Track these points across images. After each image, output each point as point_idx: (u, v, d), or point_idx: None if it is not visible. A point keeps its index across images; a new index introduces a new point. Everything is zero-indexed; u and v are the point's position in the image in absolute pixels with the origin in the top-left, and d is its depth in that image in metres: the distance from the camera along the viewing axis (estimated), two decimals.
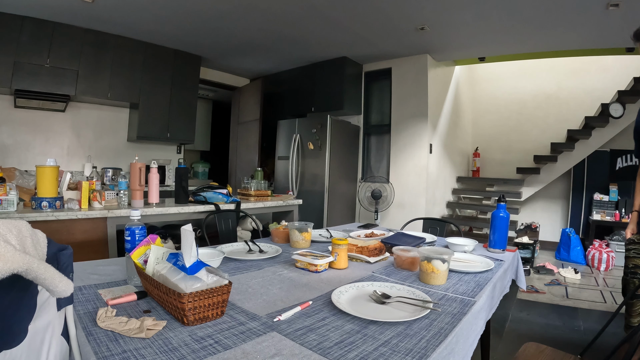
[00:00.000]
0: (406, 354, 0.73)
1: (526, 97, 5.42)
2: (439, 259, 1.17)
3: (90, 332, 0.76)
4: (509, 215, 1.72)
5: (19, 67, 3.24)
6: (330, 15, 3.29)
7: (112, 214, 1.99)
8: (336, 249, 1.33)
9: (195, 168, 5.68)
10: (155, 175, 2.29)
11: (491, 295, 1.22)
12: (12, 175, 2.27)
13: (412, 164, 4.37)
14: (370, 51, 4.26)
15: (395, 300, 0.99)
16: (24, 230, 0.61)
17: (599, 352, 1.57)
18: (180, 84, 4.36)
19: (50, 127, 3.79)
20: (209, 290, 0.82)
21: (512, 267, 1.61)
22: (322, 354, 0.71)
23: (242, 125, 5.37)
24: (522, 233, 4.57)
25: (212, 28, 3.69)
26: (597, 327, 1.63)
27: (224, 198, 2.54)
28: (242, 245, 1.63)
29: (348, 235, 1.80)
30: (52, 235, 0.69)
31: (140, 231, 1.10)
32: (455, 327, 0.86)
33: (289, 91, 5.05)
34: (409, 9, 3.12)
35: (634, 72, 4.47)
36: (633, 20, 3.04)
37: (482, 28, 3.47)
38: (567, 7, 2.91)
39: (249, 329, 0.81)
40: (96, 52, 3.68)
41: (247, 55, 4.58)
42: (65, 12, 3.25)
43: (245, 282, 1.14)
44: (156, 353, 0.69)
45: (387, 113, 4.62)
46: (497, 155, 5.64)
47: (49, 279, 0.54)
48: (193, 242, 0.85)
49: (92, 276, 1.14)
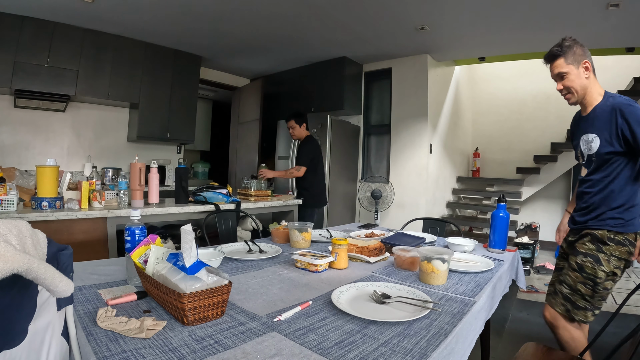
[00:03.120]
0: (406, 354, 0.72)
1: (526, 97, 5.41)
2: (439, 259, 1.17)
3: (90, 332, 0.75)
4: (509, 215, 1.72)
5: (19, 67, 3.24)
6: (330, 15, 3.29)
7: (112, 214, 1.99)
8: (336, 249, 1.33)
9: (195, 168, 5.68)
10: (155, 175, 2.29)
11: (491, 295, 1.22)
12: (12, 175, 2.27)
13: (412, 164, 4.37)
14: (370, 51, 4.26)
15: (395, 300, 0.99)
16: (24, 230, 0.61)
17: (599, 352, 1.57)
18: (180, 84, 4.36)
19: (50, 127, 3.79)
20: (209, 290, 0.82)
21: (512, 267, 1.61)
22: (322, 354, 0.71)
23: (242, 125, 5.37)
24: (522, 233, 4.57)
25: (212, 28, 3.69)
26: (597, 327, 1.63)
27: (224, 198, 2.54)
28: (242, 245, 1.63)
29: (348, 235, 1.80)
30: (52, 235, 0.69)
31: (140, 231, 1.10)
32: (455, 327, 0.86)
33: (289, 91, 5.05)
34: (409, 9, 3.12)
35: (634, 72, 4.48)
36: (633, 20, 3.04)
37: (482, 28, 3.47)
38: (567, 7, 2.91)
39: (249, 329, 0.81)
40: (96, 52, 3.68)
41: (247, 55, 4.58)
42: (65, 12, 3.25)
43: (245, 282, 1.14)
44: (156, 353, 0.69)
45: (387, 113, 4.62)
46: (497, 155, 5.64)
47: (49, 279, 0.54)
48: (193, 242, 0.85)
49: (92, 276, 1.14)
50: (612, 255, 1.40)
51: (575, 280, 1.44)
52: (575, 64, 1.43)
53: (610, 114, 1.38)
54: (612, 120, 1.37)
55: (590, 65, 1.45)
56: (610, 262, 1.40)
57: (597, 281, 1.39)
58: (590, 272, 1.40)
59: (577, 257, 1.46)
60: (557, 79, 1.48)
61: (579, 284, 1.43)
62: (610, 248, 1.41)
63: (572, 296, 1.45)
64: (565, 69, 1.44)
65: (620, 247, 1.40)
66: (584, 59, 1.44)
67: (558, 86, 1.49)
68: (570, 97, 1.48)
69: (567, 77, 1.44)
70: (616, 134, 1.36)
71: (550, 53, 1.49)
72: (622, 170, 1.40)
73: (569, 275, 1.47)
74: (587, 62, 1.44)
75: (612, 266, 1.40)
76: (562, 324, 1.48)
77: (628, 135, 1.33)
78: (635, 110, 1.33)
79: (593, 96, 1.46)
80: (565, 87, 1.46)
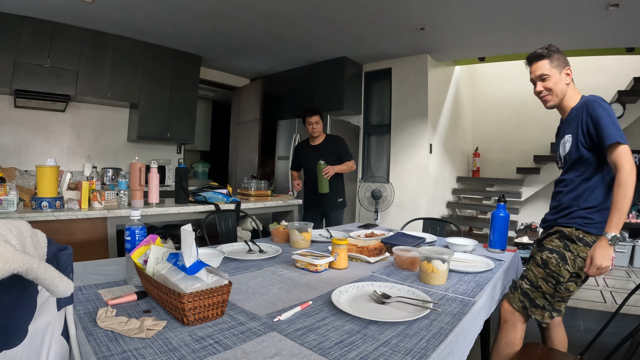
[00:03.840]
0: (406, 354, 0.72)
1: (526, 97, 5.40)
2: (439, 259, 1.17)
3: (90, 332, 0.76)
4: (509, 215, 1.72)
5: (19, 67, 3.24)
6: (330, 15, 3.29)
7: (112, 214, 1.99)
8: (336, 249, 1.33)
9: (195, 168, 5.68)
10: (155, 175, 2.29)
11: (491, 295, 1.22)
12: (12, 175, 2.27)
13: (412, 164, 4.37)
14: (370, 51, 4.26)
15: (395, 300, 0.99)
16: (24, 230, 0.61)
17: (599, 352, 1.57)
18: (180, 84, 4.36)
19: (50, 127, 3.79)
20: (209, 290, 0.82)
21: (512, 267, 1.61)
22: (322, 354, 0.71)
23: (242, 125, 5.37)
24: (522, 233, 4.57)
25: (212, 28, 3.68)
26: (597, 327, 1.63)
27: (224, 198, 2.54)
28: (242, 245, 1.63)
29: (348, 235, 1.80)
30: (52, 235, 0.69)
31: (140, 231, 1.10)
32: (455, 327, 0.86)
33: (289, 91, 5.05)
34: (409, 9, 3.12)
35: (634, 72, 4.48)
36: (633, 20, 3.04)
37: (482, 28, 3.47)
38: (567, 7, 2.91)
39: (249, 329, 0.81)
40: (96, 52, 3.68)
41: (247, 55, 4.58)
42: (65, 12, 3.25)
43: (245, 282, 1.14)
44: (156, 353, 0.69)
45: (387, 113, 4.62)
46: (497, 155, 5.64)
47: (49, 279, 0.54)
48: (193, 242, 0.85)
49: (92, 276, 1.14)
50: (578, 256, 1.33)
51: (537, 276, 1.38)
52: (559, 69, 1.42)
53: (580, 111, 1.37)
54: (580, 117, 1.36)
55: (571, 72, 1.44)
56: (576, 262, 1.33)
57: (560, 280, 1.32)
58: (554, 269, 1.34)
59: (542, 252, 1.40)
60: (537, 80, 1.45)
61: (541, 280, 1.36)
62: (578, 248, 1.34)
63: (531, 292, 1.38)
64: (548, 71, 1.42)
65: (589, 248, 1.32)
66: (566, 66, 1.43)
67: (537, 87, 1.46)
68: (549, 98, 1.45)
69: (548, 79, 1.43)
70: (582, 131, 1.35)
71: (535, 53, 1.46)
72: (595, 171, 1.35)
73: (531, 271, 1.40)
74: (569, 70, 1.44)
75: (577, 267, 1.33)
76: (513, 322, 1.40)
77: (592, 131, 1.31)
78: (598, 106, 1.31)
79: (571, 101, 1.44)
80: (546, 87, 1.44)
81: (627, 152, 1.24)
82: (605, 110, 1.29)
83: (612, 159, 1.26)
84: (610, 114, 1.29)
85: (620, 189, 1.22)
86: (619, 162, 1.24)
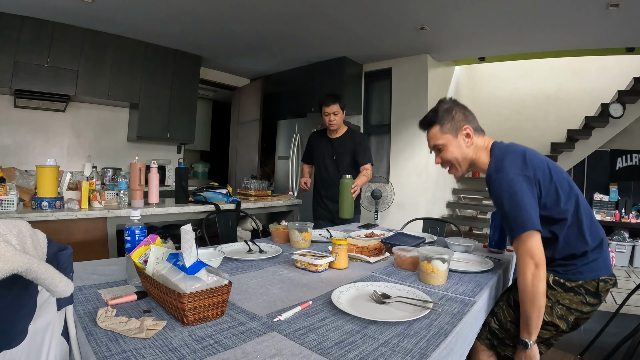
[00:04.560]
0: (406, 354, 0.72)
1: (526, 97, 5.42)
2: (439, 259, 1.16)
3: (90, 332, 0.75)
4: None
5: (19, 67, 3.24)
6: (330, 15, 3.29)
7: (112, 214, 1.99)
8: (336, 249, 1.33)
9: (195, 168, 5.68)
10: (155, 175, 2.29)
11: (491, 295, 1.22)
12: (12, 175, 2.28)
13: (412, 164, 4.37)
14: (370, 51, 4.26)
15: (395, 300, 0.99)
16: (24, 230, 0.61)
17: (599, 352, 1.57)
18: (180, 84, 4.36)
19: (50, 127, 3.79)
20: (209, 290, 0.82)
21: (512, 267, 1.61)
22: (322, 354, 0.71)
23: (242, 125, 5.37)
24: None
25: (212, 28, 3.69)
26: (597, 327, 1.63)
27: (224, 198, 2.54)
28: (242, 245, 1.63)
29: (348, 235, 1.80)
30: (52, 235, 0.69)
31: (140, 231, 1.10)
32: (455, 327, 0.86)
33: (289, 91, 5.05)
34: (409, 9, 3.12)
35: (634, 72, 4.48)
36: (633, 20, 3.04)
37: (481, 28, 3.47)
38: (567, 7, 2.91)
39: (249, 329, 0.81)
40: (96, 52, 3.68)
41: (247, 55, 4.58)
42: (65, 12, 3.25)
43: (245, 282, 1.14)
44: (156, 353, 0.69)
45: (387, 113, 4.62)
46: None
47: (49, 279, 0.54)
48: (193, 242, 0.85)
49: (92, 276, 1.14)
50: (558, 302, 1.13)
51: (506, 318, 1.19)
52: (453, 133, 1.22)
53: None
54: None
55: (472, 130, 1.22)
56: (555, 310, 1.13)
57: None
58: None
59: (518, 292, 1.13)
60: (434, 151, 1.27)
61: (510, 324, 1.18)
62: (556, 294, 1.13)
63: (499, 333, 1.20)
64: (441, 140, 1.23)
65: (572, 295, 1.12)
66: (464, 125, 1.22)
67: (436, 160, 1.27)
68: (452, 172, 1.27)
69: (444, 150, 1.23)
70: None
71: (424, 119, 1.28)
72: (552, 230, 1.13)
73: (502, 310, 1.22)
74: (468, 128, 1.21)
75: (555, 316, 1.13)
76: (485, 353, 1.24)
77: None
78: (492, 186, 1.12)
79: (484, 162, 1.23)
80: (444, 160, 1.24)
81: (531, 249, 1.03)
82: (508, 192, 1.07)
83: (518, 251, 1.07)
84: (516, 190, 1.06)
85: (526, 297, 1.05)
86: (520, 263, 1.06)
